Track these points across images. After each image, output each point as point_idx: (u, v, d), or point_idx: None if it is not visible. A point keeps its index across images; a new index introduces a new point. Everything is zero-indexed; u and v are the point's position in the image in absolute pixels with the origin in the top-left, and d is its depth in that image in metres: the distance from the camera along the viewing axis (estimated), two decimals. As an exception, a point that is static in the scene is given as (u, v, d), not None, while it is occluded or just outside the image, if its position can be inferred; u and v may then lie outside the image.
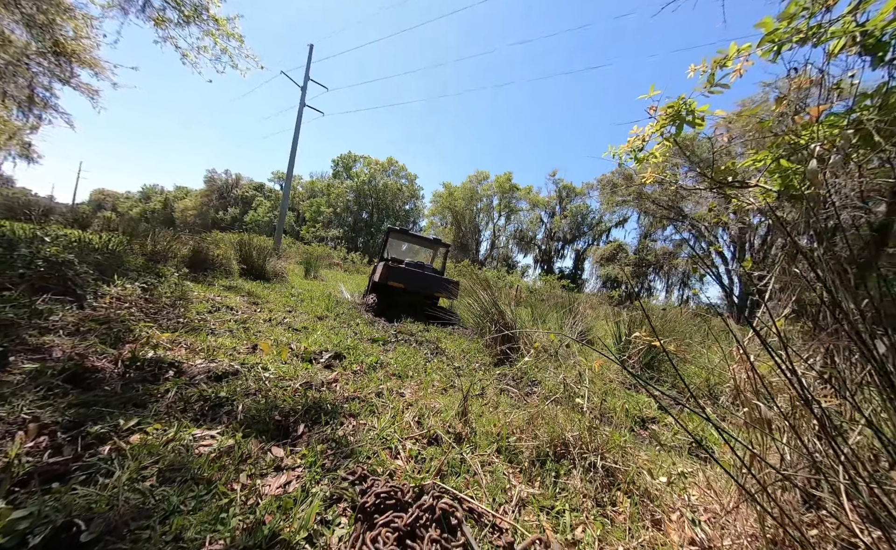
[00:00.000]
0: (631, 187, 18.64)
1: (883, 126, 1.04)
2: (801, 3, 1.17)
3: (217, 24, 5.36)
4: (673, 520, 1.13)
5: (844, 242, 0.86)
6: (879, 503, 0.60)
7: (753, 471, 1.02)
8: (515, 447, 1.44)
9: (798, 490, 0.91)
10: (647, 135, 1.76)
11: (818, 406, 0.71)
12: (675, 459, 1.59)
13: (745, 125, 1.61)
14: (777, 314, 1.21)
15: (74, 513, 0.79)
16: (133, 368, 1.56)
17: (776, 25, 1.22)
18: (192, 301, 3.02)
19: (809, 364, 1.09)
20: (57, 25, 6.19)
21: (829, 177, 1.10)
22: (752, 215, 1.64)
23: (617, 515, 1.14)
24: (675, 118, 1.59)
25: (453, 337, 3.80)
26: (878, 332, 0.74)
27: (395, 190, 34.52)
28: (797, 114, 1.27)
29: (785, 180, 1.32)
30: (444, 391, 2.06)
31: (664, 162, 1.85)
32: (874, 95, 1.13)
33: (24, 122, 9.44)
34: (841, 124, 1.15)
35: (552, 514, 1.10)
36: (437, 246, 6.81)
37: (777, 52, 1.26)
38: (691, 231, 18.60)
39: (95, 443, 1.05)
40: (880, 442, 0.63)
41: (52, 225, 6.03)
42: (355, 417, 1.51)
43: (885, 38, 1.04)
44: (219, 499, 0.93)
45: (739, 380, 1.20)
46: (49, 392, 1.26)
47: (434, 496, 1.00)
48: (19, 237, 3.09)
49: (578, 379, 2.12)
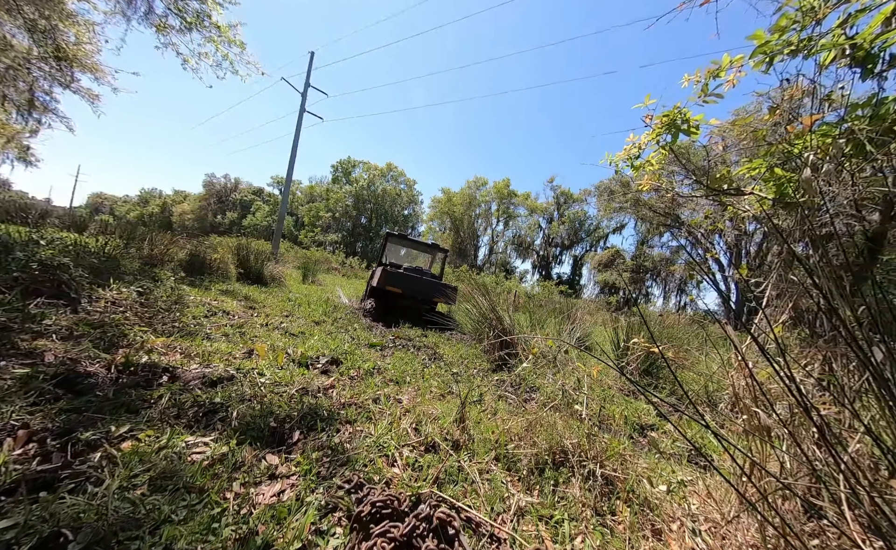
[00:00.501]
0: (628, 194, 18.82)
1: (874, 136, 1.06)
2: (791, 16, 1.20)
3: (219, 31, 5.42)
4: (673, 530, 1.12)
5: (840, 249, 0.87)
6: (881, 512, 0.59)
7: (753, 480, 1.01)
8: (514, 454, 1.43)
9: (799, 499, 0.90)
10: (644, 143, 1.78)
11: (817, 413, 0.71)
12: (675, 467, 1.58)
13: (740, 134, 1.64)
14: (774, 320, 1.22)
15: (62, 523, 0.77)
16: (126, 373, 1.54)
17: (768, 38, 1.25)
18: (189, 305, 3.00)
19: (808, 371, 1.09)
20: (59, 31, 6.24)
21: (822, 185, 1.12)
22: (748, 222, 1.65)
23: (616, 524, 1.12)
24: (670, 127, 1.62)
25: (451, 343, 3.78)
26: (875, 339, 0.74)
27: (393, 195, 34.68)
28: (790, 124, 1.30)
29: (779, 188, 1.34)
30: (441, 397, 2.04)
31: (660, 169, 1.87)
32: (865, 106, 1.16)
33: (23, 126, 9.45)
34: (833, 133, 1.18)
35: (551, 523, 1.09)
36: (435, 251, 6.82)
37: (769, 64, 1.29)
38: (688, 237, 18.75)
39: (86, 450, 1.03)
40: (880, 451, 0.63)
41: (49, 228, 5.99)
42: (352, 424, 1.49)
43: (875, 50, 1.07)
44: (211, 508, 0.91)
45: (738, 387, 1.20)
46: (40, 397, 1.24)
47: (431, 505, 0.98)
48: (14, 240, 3.06)
49: (577, 385, 2.11)
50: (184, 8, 5.15)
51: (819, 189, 1.10)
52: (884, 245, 1.13)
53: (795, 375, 1.04)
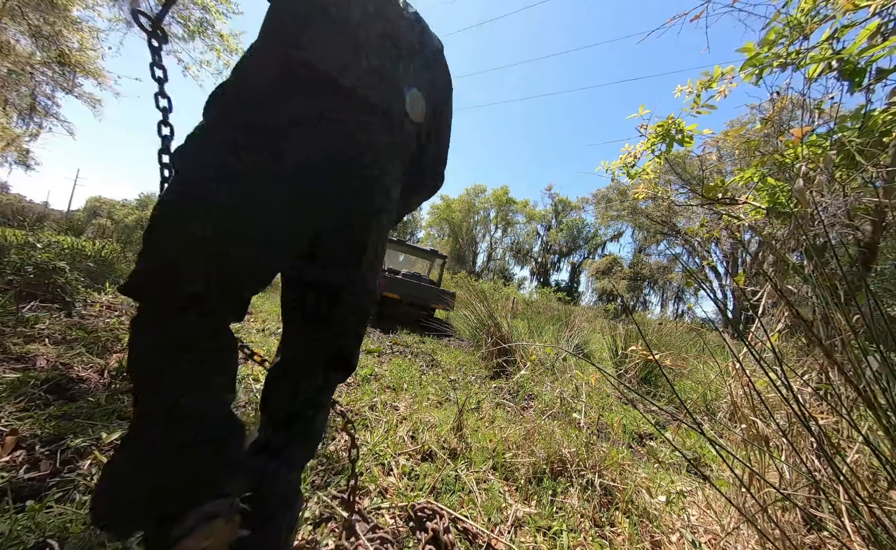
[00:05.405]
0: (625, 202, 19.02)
1: (864, 148, 1.08)
2: (779, 30, 1.24)
3: (222, 40, 5.50)
4: (672, 542, 1.10)
5: (834, 259, 0.88)
6: (881, 524, 0.59)
7: (753, 490, 1.00)
8: (511, 463, 1.41)
9: (799, 510, 0.89)
10: (639, 152, 1.81)
11: (815, 423, 0.71)
12: (674, 477, 1.56)
13: (733, 144, 1.67)
14: (771, 329, 1.22)
15: (48, 533, 0.75)
16: (119, 378, 1.51)
17: (757, 50, 1.29)
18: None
19: (805, 380, 1.09)
20: (63, 37, 6.31)
21: (815, 195, 1.13)
22: (744, 231, 1.68)
23: (615, 536, 1.11)
24: (664, 137, 1.65)
25: (449, 350, 3.76)
26: (870, 349, 0.75)
27: (393, 201, 34.76)
28: (781, 135, 1.32)
29: (773, 198, 1.36)
30: (439, 404, 2.02)
31: (656, 178, 1.90)
32: (854, 118, 1.18)
33: (23, 130, 9.48)
34: (824, 144, 1.20)
35: (549, 535, 1.07)
36: (433, 257, 6.83)
37: (759, 76, 1.32)
38: (685, 246, 18.92)
39: (75, 458, 1.01)
40: (878, 461, 0.62)
41: (45, 231, 5.97)
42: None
43: (862, 64, 1.10)
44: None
45: (736, 396, 1.19)
46: (30, 403, 1.21)
47: (427, 515, 0.97)
48: (10, 243, 3.04)
49: (575, 393, 2.10)
50: (187, 16, 5.24)
51: (812, 199, 1.11)
52: (876, 254, 1.14)
53: (793, 384, 1.04)
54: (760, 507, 0.77)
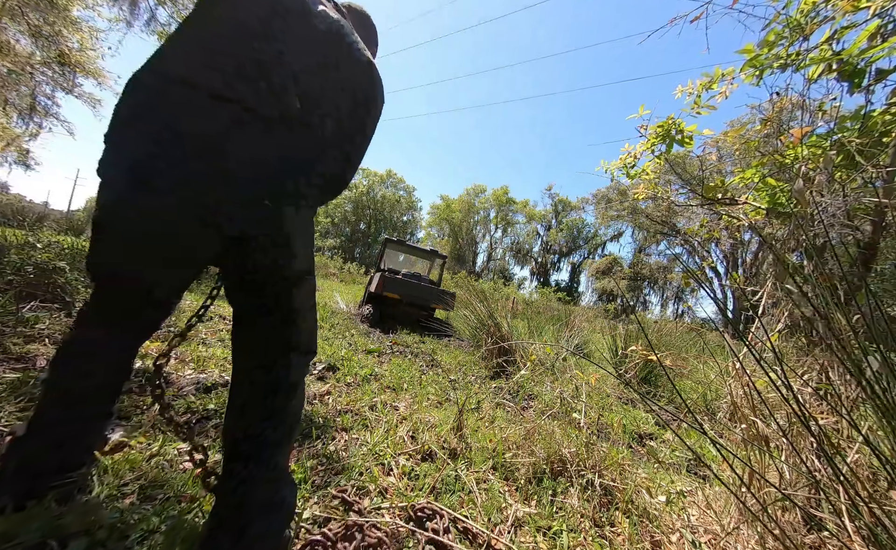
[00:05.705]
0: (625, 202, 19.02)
1: (864, 148, 1.08)
2: (779, 32, 1.24)
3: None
4: (673, 542, 1.10)
5: (834, 259, 0.88)
6: (881, 524, 0.59)
7: (753, 490, 1.00)
8: (511, 463, 1.41)
9: (799, 510, 0.89)
10: (639, 152, 1.81)
11: (815, 423, 0.71)
12: (674, 477, 1.56)
13: (733, 144, 1.67)
14: (770, 329, 1.22)
15: (47, 534, 0.75)
16: (119, 379, 1.51)
17: (757, 52, 1.29)
18: (184, 310, 2.97)
19: (805, 380, 1.09)
20: (63, 37, 6.30)
21: (815, 196, 1.13)
22: (743, 231, 1.68)
23: (616, 536, 1.11)
24: (664, 137, 1.65)
25: (449, 350, 3.76)
26: (870, 349, 0.75)
27: (393, 201, 34.87)
28: (781, 135, 1.32)
29: (773, 198, 1.36)
30: (439, 404, 2.02)
31: (656, 178, 1.90)
32: (854, 118, 1.18)
33: (23, 130, 9.47)
34: (823, 145, 1.20)
35: (549, 535, 1.07)
36: (433, 257, 6.83)
37: (759, 77, 1.32)
38: (684, 246, 18.92)
39: (75, 458, 1.01)
40: (878, 461, 0.62)
41: (45, 231, 5.97)
42: (348, 431, 1.47)
43: (861, 65, 1.10)
44: (202, 519, 0.89)
45: (736, 396, 1.19)
46: (30, 403, 1.21)
47: (427, 515, 0.97)
48: (10, 243, 3.04)
49: (575, 393, 2.10)
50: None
51: (812, 199, 1.11)
52: (876, 254, 1.14)
53: (793, 384, 1.04)
54: (761, 506, 0.77)
